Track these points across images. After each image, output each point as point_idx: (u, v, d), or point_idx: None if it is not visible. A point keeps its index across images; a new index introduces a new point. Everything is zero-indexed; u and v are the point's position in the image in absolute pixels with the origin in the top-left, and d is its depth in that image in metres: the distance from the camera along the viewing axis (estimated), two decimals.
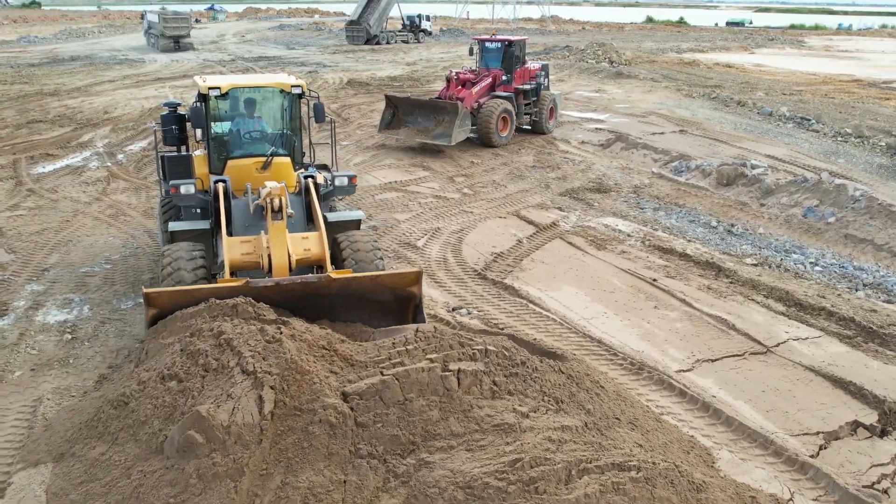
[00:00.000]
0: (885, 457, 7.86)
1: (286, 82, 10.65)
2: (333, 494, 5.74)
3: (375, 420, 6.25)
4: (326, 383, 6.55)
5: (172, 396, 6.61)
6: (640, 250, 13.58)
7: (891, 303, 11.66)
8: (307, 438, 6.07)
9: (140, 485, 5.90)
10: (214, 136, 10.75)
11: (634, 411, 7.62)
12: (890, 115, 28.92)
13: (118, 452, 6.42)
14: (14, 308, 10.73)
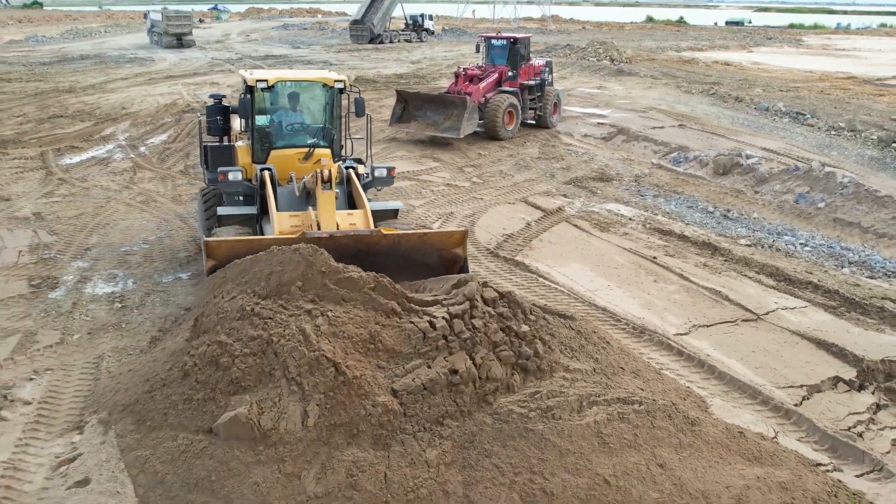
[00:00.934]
0: (861, 407, 8.76)
1: (330, 77, 11.31)
2: (377, 466, 6.39)
3: (424, 408, 6.76)
4: (375, 383, 6.89)
5: (219, 383, 7.09)
6: (641, 232, 14.49)
7: (874, 278, 12.57)
8: (355, 431, 6.60)
9: (185, 451, 6.69)
10: (258, 127, 11.34)
11: (637, 364, 8.54)
12: (883, 110, 29.81)
13: (173, 415, 7.15)
14: (64, 282, 11.65)
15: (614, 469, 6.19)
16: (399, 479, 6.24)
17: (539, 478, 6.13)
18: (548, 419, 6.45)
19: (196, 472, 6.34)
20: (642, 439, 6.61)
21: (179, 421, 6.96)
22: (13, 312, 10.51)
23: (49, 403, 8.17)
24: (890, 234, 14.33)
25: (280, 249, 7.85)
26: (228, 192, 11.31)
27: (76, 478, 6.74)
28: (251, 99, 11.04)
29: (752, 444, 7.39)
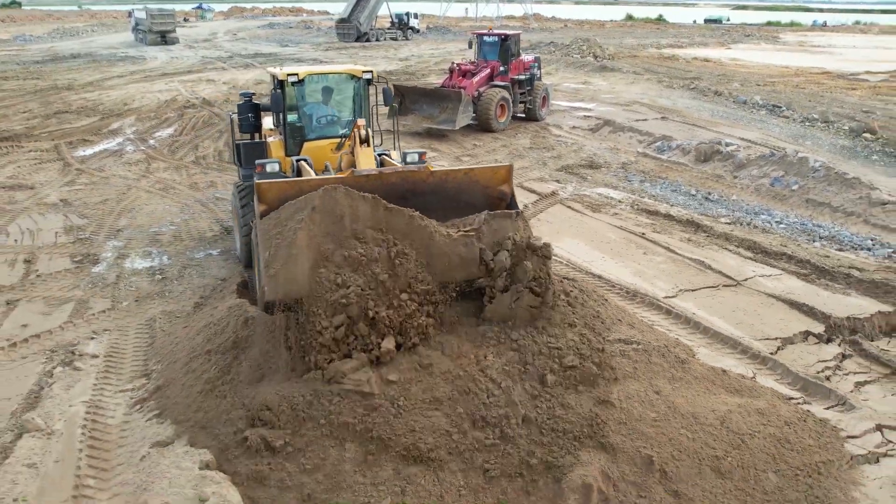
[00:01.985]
0: (828, 356, 9.95)
1: (357, 69, 11.82)
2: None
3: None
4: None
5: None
6: (630, 212, 15.67)
7: (842, 251, 13.80)
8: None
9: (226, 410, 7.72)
10: (290, 122, 11.79)
11: (632, 318, 9.68)
12: (855, 103, 31.20)
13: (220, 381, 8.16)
14: (104, 258, 12.67)
15: (618, 394, 7.32)
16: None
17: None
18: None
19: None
20: (641, 372, 7.76)
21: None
22: (62, 284, 11.54)
23: (114, 357, 9.24)
24: (857, 213, 15.59)
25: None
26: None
27: (154, 412, 7.80)
28: (282, 93, 11.53)
29: (734, 380, 8.58)
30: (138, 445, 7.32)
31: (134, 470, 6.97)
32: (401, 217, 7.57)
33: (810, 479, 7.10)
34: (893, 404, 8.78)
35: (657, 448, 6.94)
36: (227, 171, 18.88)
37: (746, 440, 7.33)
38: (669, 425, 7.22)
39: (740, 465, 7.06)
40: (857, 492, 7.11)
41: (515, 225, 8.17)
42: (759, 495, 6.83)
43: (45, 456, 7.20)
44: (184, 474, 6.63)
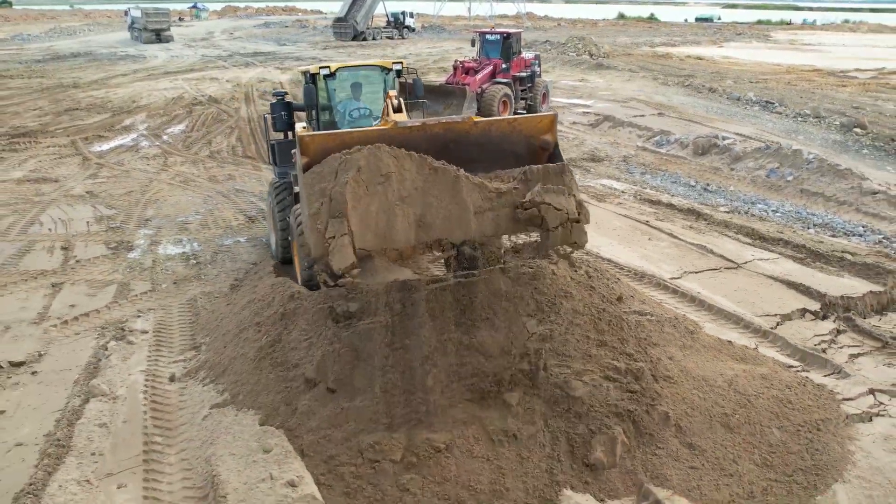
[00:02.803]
0: (824, 330, 10.69)
1: (388, 61, 12.16)
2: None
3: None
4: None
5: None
6: (633, 202, 16.42)
7: (835, 237, 14.57)
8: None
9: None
10: (322, 115, 12.00)
11: (642, 296, 10.43)
12: (845, 99, 32.03)
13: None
14: (137, 245, 13.34)
15: (637, 356, 8.04)
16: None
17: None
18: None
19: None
20: (655, 338, 8.48)
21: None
22: (102, 269, 12.21)
23: (162, 332, 9.93)
24: (849, 202, 16.38)
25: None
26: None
27: (209, 378, 8.50)
28: (315, 87, 11.79)
29: (738, 349, 9.34)
30: (198, 407, 8.02)
31: (197, 428, 7.67)
32: (446, 177, 7.56)
33: (810, 435, 7.83)
34: (884, 373, 9.51)
35: (672, 406, 7.66)
36: (243, 166, 19.55)
37: (752, 400, 8.06)
38: (682, 386, 7.94)
39: (747, 422, 7.79)
40: (852, 445, 7.84)
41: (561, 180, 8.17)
42: (765, 447, 7.56)
43: (114, 417, 7.89)
44: (246, 430, 7.32)
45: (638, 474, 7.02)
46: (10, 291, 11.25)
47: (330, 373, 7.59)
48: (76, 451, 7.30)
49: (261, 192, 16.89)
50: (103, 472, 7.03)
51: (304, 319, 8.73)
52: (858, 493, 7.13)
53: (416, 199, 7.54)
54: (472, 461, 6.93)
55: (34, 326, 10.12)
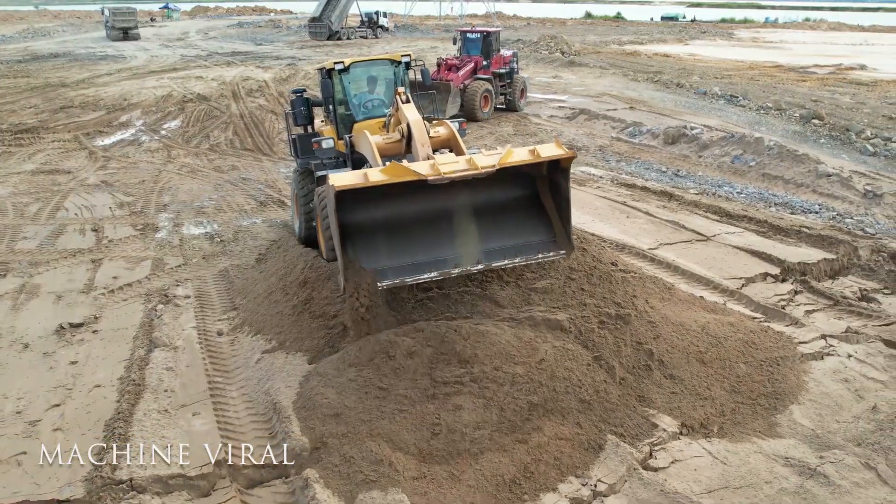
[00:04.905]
0: (783, 291, 12.18)
1: (397, 54, 13.02)
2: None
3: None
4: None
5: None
6: (611, 186, 17.89)
7: (794, 214, 16.14)
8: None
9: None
10: (339, 107, 12.78)
11: (624, 263, 11.82)
12: (805, 93, 33.87)
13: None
14: (162, 227, 14.54)
15: (624, 304, 9.45)
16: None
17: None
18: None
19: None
20: (638, 292, 9.90)
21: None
22: (134, 247, 13.41)
23: (203, 297, 11.19)
24: (806, 184, 17.98)
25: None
26: (322, 157, 12.55)
27: (254, 331, 9.78)
28: (331, 81, 12.70)
29: (709, 303, 10.81)
30: (250, 354, 9.31)
31: (252, 369, 8.95)
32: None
33: (771, 368, 9.28)
34: (835, 324, 11.00)
35: (655, 345, 9.07)
36: (244, 157, 20.75)
37: (722, 341, 9.50)
38: (663, 329, 9.36)
39: (718, 358, 9.22)
40: (806, 377, 9.30)
41: None
42: (733, 378, 9.00)
43: (178, 362, 9.15)
44: (297, 368, 8.63)
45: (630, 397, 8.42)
46: (53, 267, 12.40)
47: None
48: (151, 388, 8.54)
49: (266, 180, 18.14)
50: (178, 404, 8.29)
51: (333, 282, 10.04)
52: (810, 411, 8.59)
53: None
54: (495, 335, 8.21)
55: (84, 295, 11.30)
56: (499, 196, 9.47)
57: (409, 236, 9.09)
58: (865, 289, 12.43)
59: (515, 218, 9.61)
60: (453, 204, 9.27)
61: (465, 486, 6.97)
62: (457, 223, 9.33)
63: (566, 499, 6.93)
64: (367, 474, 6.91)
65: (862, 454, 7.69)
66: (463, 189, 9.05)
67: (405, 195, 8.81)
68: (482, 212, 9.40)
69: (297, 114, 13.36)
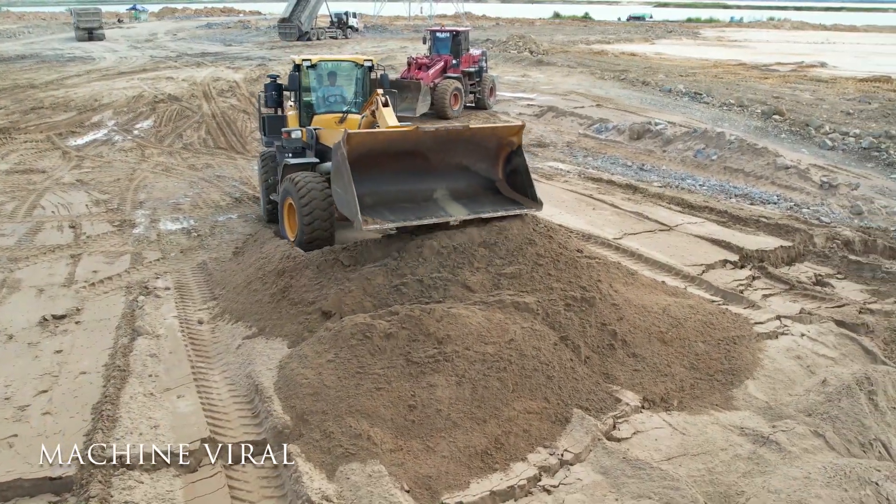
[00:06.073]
0: (742, 276, 12.73)
1: (360, 57, 14.16)
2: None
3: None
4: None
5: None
6: (578, 180, 18.41)
7: (753, 205, 16.76)
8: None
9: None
10: (304, 99, 13.94)
11: (590, 252, 12.31)
12: (767, 90, 34.75)
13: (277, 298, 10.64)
14: (139, 223, 14.79)
15: (589, 288, 9.92)
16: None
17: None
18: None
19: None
20: (602, 277, 10.37)
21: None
22: (112, 242, 13.66)
23: (183, 289, 11.49)
24: (765, 176, 18.64)
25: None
26: (290, 147, 13.38)
27: (234, 319, 10.12)
28: (298, 75, 13.74)
29: (670, 288, 11.33)
30: (230, 340, 9.65)
31: (233, 355, 9.30)
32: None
33: (728, 347, 9.80)
34: (790, 307, 11.57)
35: (618, 326, 9.55)
36: (218, 156, 21.00)
37: (682, 322, 10.00)
38: (626, 311, 9.84)
39: (678, 338, 9.72)
40: (761, 354, 9.83)
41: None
42: (692, 356, 9.50)
43: (161, 349, 9.47)
44: (277, 352, 8.99)
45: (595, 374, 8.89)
46: (34, 262, 12.62)
47: (343, 305, 9.31)
48: (136, 374, 8.85)
49: (240, 178, 18.44)
50: (162, 388, 8.61)
51: (311, 270, 10.43)
52: (765, 386, 9.11)
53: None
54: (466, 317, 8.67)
55: (65, 288, 11.55)
56: (472, 164, 11.55)
57: (396, 191, 10.79)
58: (820, 274, 13.06)
59: (490, 182, 11.78)
60: (436, 167, 11.09)
61: (440, 456, 7.38)
62: (438, 183, 11.18)
63: (535, 467, 7.35)
64: (347, 448, 7.28)
65: (811, 423, 8.19)
66: (442, 156, 11.03)
67: (393, 160, 10.64)
68: (460, 176, 11.41)
69: (268, 96, 14.36)
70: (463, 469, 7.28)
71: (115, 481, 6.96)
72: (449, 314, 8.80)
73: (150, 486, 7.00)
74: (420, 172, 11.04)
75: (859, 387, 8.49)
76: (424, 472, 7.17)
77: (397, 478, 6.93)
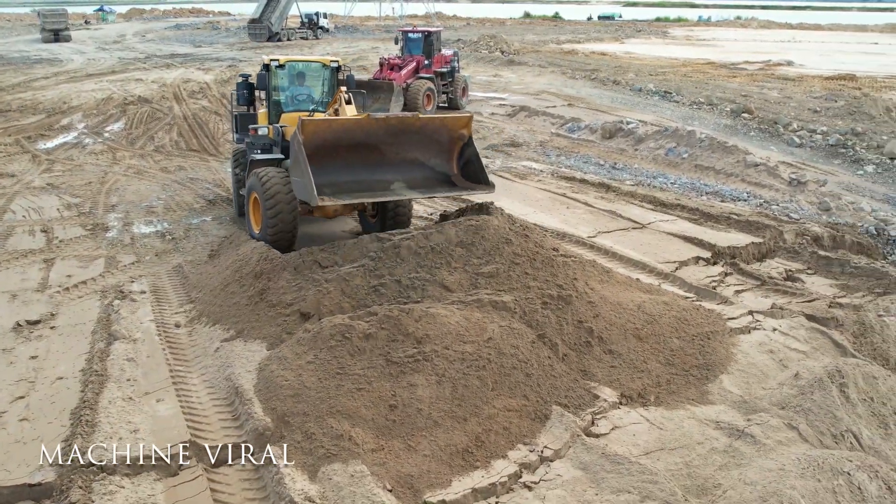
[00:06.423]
0: (714, 273, 12.93)
1: (327, 58, 14.41)
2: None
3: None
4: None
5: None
6: (551, 179, 18.55)
7: (724, 202, 17.00)
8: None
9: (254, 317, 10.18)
10: (274, 100, 14.22)
11: (565, 250, 12.43)
12: (735, 88, 35.19)
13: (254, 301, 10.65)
14: (112, 226, 14.68)
15: (565, 286, 10.03)
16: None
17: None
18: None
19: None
20: (578, 275, 10.49)
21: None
22: (86, 246, 13.55)
23: (159, 292, 11.44)
24: (735, 174, 18.92)
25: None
26: (257, 143, 13.82)
27: (211, 322, 10.10)
28: (268, 74, 14.01)
29: (645, 285, 11.47)
30: (208, 343, 9.64)
31: (212, 357, 9.29)
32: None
33: (702, 342, 9.95)
34: (762, 302, 11.76)
35: (594, 323, 9.67)
36: (190, 158, 20.89)
37: (657, 318, 10.14)
38: (602, 308, 9.97)
39: (653, 334, 9.86)
40: (734, 349, 9.99)
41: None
42: (668, 352, 9.64)
43: (138, 354, 9.43)
44: (256, 354, 8.99)
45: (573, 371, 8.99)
46: (6, 267, 12.49)
47: (321, 306, 9.34)
48: (114, 378, 8.80)
49: (214, 180, 18.36)
50: (141, 392, 8.58)
51: (288, 271, 10.44)
52: (738, 380, 9.27)
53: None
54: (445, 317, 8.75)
55: (39, 293, 11.44)
56: (428, 159, 12.12)
57: (354, 181, 11.46)
58: (790, 269, 13.29)
59: (445, 177, 12.24)
60: (392, 160, 11.77)
61: (422, 455, 7.43)
62: (396, 175, 11.80)
63: (515, 464, 7.43)
64: (329, 448, 7.32)
65: (785, 416, 8.35)
66: (397, 148, 11.70)
67: (351, 152, 11.33)
68: (417, 169, 12.02)
69: (239, 95, 14.81)
70: (444, 467, 7.34)
71: (96, 486, 6.94)
72: (427, 314, 8.86)
73: (132, 491, 6.99)
74: (377, 164, 11.68)
75: (831, 379, 8.67)
76: (406, 471, 7.23)
77: (379, 477, 6.98)
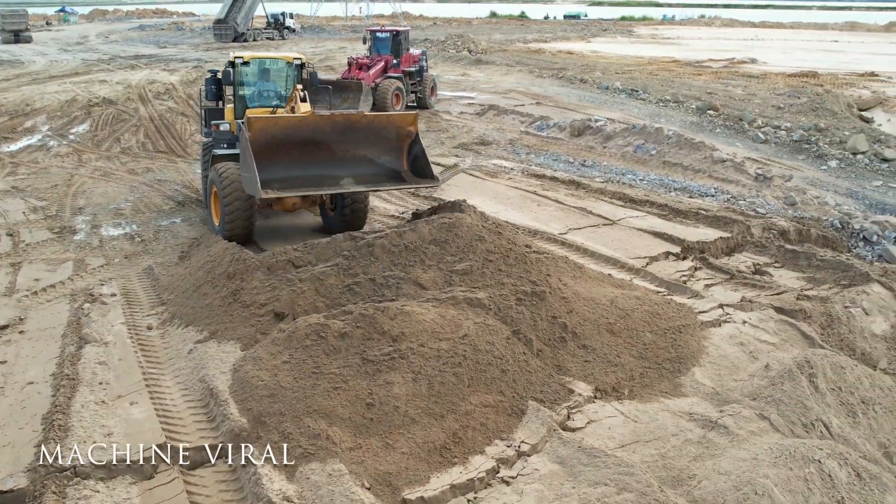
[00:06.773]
0: (684, 268, 13.08)
1: (290, 56, 14.64)
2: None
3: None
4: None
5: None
6: (522, 177, 18.63)
7: (692, 198, 17.20)
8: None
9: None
10: (239, 94, 14.49)
11: (537, 247, 12.50)
12: (700, 86, 35.57)
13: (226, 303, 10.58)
14: (80, 229, 14.49)
15: (539, 282, 10.09)
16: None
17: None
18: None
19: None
20: (551, 271, 10.55)
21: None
22: (53, 250, 13.37)
23: (130, 295, 11.33)
24: (703, 170, 19.14)
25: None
26: (220, 139, 14.06)
27: (184, 323, 10.01)
28: (233, 71, 14.23)
29: (617, 280, 11.58)
30: (181, 345, 9.56)
31: (185, 360, 9.22)
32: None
33: (674, 336, 10.07)
34: (731, 296, 11.93)
35: (568, 318, 9.74)
36: (158, 160, 20.69)
37: (629, 313, 10.24)
38: (575, 304, 10.04)
39: (626, 328, 9.95)
40: (705, 342, 10.13)
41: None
42: (641, 346, 9.74)
43: (110, 357, 9.32)
44: (230, 355, 8.93)
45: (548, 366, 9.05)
46: None
47: (296, 306, 9.31)
48: (85, 382, 8.70)
49: (182, 181, 18.19)
50: (114, 395, 8.49)
51: (261, 272, 10.39)
52: (710, 372, 9.40)
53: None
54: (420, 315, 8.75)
55: (6, 298, 11.27)
56: (377, 157, 12.74)
57: (304, 177, 11.90)
58: (758, 263, 13.49)
59: (395, 173, 12.90)
60: (342, 157, 12.28)
61: (399, 453, 7.44)
62: (345, 171, 12.27)
63: (493, 460, 7.47)
64: (306, 448, 7.30)
65: (757, 406, 8.48)
66: (346, 146, 12.23)
67: (300, 149, 11.86)
68: (367, 166, 12.57)
69: (208, 90, 15.07)
70: (423, 464, 7.36)
71: (70, 491, 6.86)
72: (403, 312, 8.87)
73: (107, 495, 6.92)
74: (327, 161, 12.13)
75: (800, 370, 8.81)
76: (384, 468, 7.23)
77: (358, 476, 6.98)
